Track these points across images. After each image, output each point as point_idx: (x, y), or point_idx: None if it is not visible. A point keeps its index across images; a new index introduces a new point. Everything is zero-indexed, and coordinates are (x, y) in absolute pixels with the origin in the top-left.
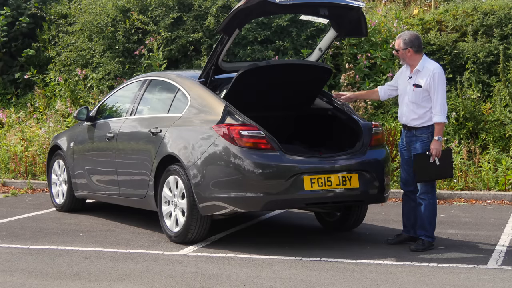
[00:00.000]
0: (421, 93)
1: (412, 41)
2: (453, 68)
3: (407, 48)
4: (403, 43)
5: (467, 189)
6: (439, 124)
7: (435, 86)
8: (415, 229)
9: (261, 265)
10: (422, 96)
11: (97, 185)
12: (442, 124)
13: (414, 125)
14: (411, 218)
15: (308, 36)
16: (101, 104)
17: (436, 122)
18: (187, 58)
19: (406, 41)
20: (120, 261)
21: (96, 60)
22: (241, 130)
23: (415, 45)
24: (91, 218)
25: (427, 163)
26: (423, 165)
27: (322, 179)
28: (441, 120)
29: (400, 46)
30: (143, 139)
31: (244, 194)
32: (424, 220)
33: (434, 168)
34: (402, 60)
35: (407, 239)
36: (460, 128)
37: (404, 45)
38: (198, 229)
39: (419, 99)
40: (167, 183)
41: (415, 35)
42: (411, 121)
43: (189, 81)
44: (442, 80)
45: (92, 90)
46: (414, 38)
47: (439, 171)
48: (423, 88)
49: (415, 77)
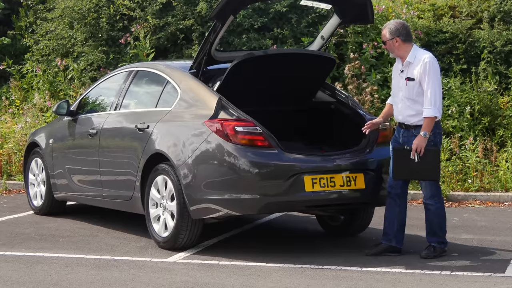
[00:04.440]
0: (414, 87)
1: (398, 29)
2: (468, 58)
3: (393, 38)
4: (389, 33)
5: (483, 190)
6: (427, 119)
7: (426, 76)
8: (397, 238)
9: (258, 274)
10: (417, 90)
11: (78, 186)
12: (431, 118)
13: (412, 122)
14: (395, 226)
15: (309, 23)
16: (83, 98)
17: (425, 116)
18: (177, 47)
19: (392, 30)
20: (103, 269)
21: (77, 49)
22: (236, 126)
23: (403, 33)
24: (72, 222)
25: (406, 159)
26: (401, 161)
27: (325, 180)
28: (430, 114)
29: (386, 36)
30: (128, 136)
31: (239, 196)
32: (434, 226)
33: (414, 165)
34: (391, 52)
35: (388, 250)
36: (475, 124)
37: (390, 35)
38: (188, 234)
39: (413, 94)
40: (155, 183)
41: (401, 23)
42: (409, 118)
43: (179, 73)
44: (434, 70)
45: (73, 82)
46: (400, 26)
47: (420, 170)
48: (417, 81)
49: (407, 70)
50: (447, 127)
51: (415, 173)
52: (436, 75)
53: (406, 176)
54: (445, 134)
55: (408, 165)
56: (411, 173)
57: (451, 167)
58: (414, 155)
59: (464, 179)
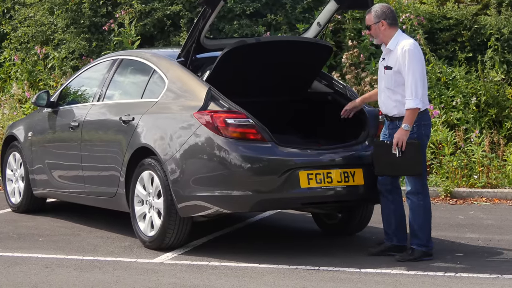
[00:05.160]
0: (392, 76)
1: (384, 12)
2: (474, 46)
3: (379, 21)
4: (375, 16)
5: (490, 186)
6: (408, 110)
7: (405, 65)
8: (398, 236)
9: (250, 275)
10: (395, 80)
11: (59, 182)
12: (412, 110)
13: (395, 114)
14: (392, 223)
15: (304, 8)
16: (64, 88)
17: (406, 108)
18: (164, 35)
19: (378, 13)
20: (86, 270)
21: (58, 36)
22: (226, 118)
23: (389, 17)
24: (52, 220)
25: (387, 154)
26: (382, 156)
27: (321, 175)
28: (411, 106)
29: (371, 20)
30: (112, 129)
31: (230, 193)
32: (414, 226)
33: (395, 160)
34: (376, 37)
35: (392, 249)
36: (481, 116)
37: (376, 17)
38: (176, 233)
39: (392, 83)
40: (140, 179)
41: (387, 6)
42: (391, 110)
43: (166, 61)
44: (415, 58)
45: (53, 71)
46: (386, 9)
47: (401, 165)
48: (394, 70)
49: (388, 58)
50: (452, 119)
51: (397, 168)
52: (417, 64)
53: (388, 172)
54: (449, 126)
55: (389, 160)
56: (393, 168)
57: (455, 162)
58: (395, 150)
59: (469, 174)
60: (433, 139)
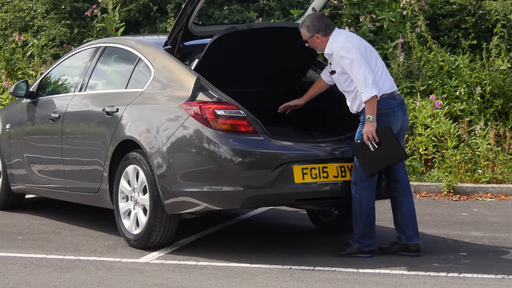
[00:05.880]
0: (340, 78)
1: (315, 25)
2: (478, 32)
3: (313, 35)
4: (307, 31)
5: (495, 181)
6: (366, 102)
7: (345, 64)
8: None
9: (241, 276)
10: (344, 81)
11: (39, 177)
12: (370, 100)
13: (358, 112)
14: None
15: None
16: (43, 77)
17: (363, 102)
18: (150, 21)
19: (310, 27)
20: (67, 270)
21: (37, 22)
22: (216, 109)
23: (321, 28)
24: (31, 218)
25: (365, 152)
26: (363, 156)
27: (316, 170)
28: (367, 97)
29: (305, 35)
30: (95, 120)
31: (220, 188)
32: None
33: (377, 154)
34: (316, 49)
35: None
36: (486, 107)
37: (309, 32)
38: (163, 231)
39: (343, 85)
40: (125, 174)
41: (316, 17)
42: (353, 109)
43: (152, 49)
44: (350, 51)
45: (32, 59)
46: (316, 20)
47: (384, 156)
48: (339, 72)
49: (331, 63)
50: (455, 110)
51: (382, 161)
52: (355, 55)
53: (376, 168)
54: (452, 118)
55: (370, 157)
56: (378, 163)
57: (459, 155)
58: (369, 144)
59: (473, 169)
60: (435, 132)
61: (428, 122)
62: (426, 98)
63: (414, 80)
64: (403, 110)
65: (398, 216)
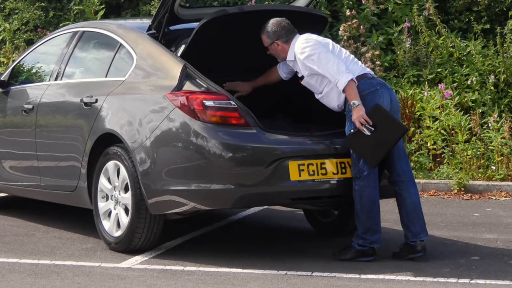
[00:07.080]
0: (311, 81)
1: (275, 31)
2: (491, 16)
3: (273, 42)
4: (268, 38)
5: (510, 179)
6: (346, 88)
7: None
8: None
9: (232, 282)
10: (315, 82)
11: (10, 174)
12: (348, 85)
13: (341, 106)
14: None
15: None
16: (16, 65)
17: (342, 90)
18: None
19: (270, 34)
20: (41, 276)
21: (9, 5)
22: (204, 100)
23: (282, 34)
24: (2, 219)
25: (363, 141)
26: (362, 147)
27: (314, 166)
28: (343, 84)
29: (266, 41)
30: (72, 112)
31: (209, 186)
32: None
33: (375, 138)
34: (277, 57)
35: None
36: (500, 97)
37: (270, 39)
38: (146, 233)
39: (317, 88)
40: (104, 171)
41: (276, 23)
42: (335, 104)
43: (135, 34)
44: (311, 50)
45: (4, 45)
46: (276, 27)
47: (384, 137)
48: (307, 75)
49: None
50: (466, 101)
51: (383, 143)
52: (320, 50)
53: (380, 153)
54: (463, 109)
55: (370, 144)
56: (380, 146)
57: (470, 150)
58: (364, 129)
59: (486, 165)
60: (445, 125)
61: (436, 114)
62: (435, 87)
63: (421, 68)
64: (388, 88)
65: (402, 212)
